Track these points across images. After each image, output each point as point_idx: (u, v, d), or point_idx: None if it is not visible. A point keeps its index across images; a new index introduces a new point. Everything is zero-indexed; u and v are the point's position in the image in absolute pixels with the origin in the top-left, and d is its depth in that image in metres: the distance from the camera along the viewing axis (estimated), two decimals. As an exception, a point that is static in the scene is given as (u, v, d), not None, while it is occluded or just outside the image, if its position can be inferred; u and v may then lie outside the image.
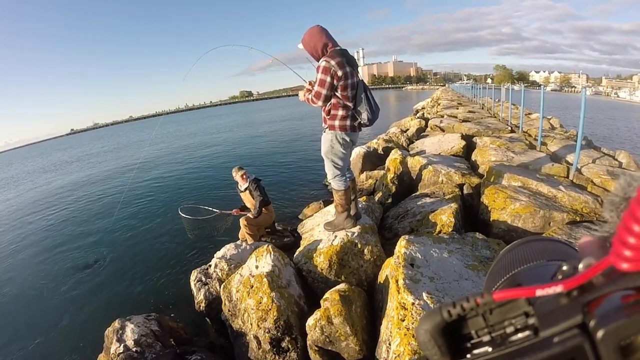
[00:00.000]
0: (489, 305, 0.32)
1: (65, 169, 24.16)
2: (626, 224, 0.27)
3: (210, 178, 12.49)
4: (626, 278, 0.28)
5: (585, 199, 3.92)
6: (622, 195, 0.32)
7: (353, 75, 3.19)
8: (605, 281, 0.29)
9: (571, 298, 0.30)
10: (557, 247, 0.50)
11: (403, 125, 14.40)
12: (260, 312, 2.96)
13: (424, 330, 0.33)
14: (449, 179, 5.13)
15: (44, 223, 10.09)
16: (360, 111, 3.28)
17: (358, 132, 3.49)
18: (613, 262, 0.28)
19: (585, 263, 0.31)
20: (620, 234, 0.27)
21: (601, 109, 38.48)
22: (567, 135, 8.45)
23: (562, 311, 0.29)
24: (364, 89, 3.28)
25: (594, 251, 0.34)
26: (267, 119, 43.78)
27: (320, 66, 3.11)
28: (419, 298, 2.29)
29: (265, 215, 5.34)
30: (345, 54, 3.17)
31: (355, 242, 3.49)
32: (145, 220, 8.56)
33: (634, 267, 0.27)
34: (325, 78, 3.10)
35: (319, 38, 3.18)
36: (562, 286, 0.30)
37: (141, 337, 3.16)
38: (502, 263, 0.50)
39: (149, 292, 5.15)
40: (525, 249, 0.50)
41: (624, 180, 0.33)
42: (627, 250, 0.27)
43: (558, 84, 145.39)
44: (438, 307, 0.33)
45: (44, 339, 4.56)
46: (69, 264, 6.64)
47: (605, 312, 0.27)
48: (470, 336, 0.33)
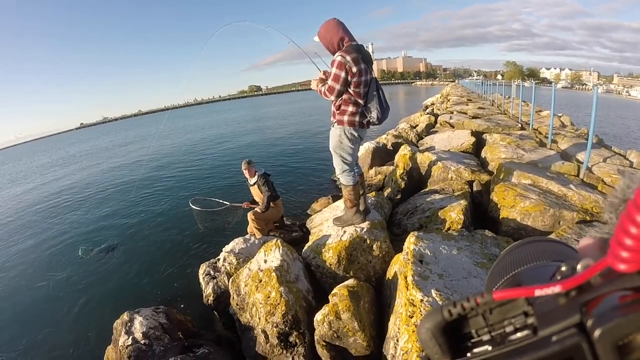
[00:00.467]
0: (489, 305, 0.33)
1: (77, 163, 24.29)
2: (623, 226, 0.27)
3: (220, 171, 12.59)
4: (623, 278, 0.28)
5: (595, 198, 3.88)
6: (621, 197, 0.33)
7: (367, 72, 3.17)
8: (603, 282, 0.29)
9: (569, 298, 0.30)
10: (558, 248, 0.50)
11: (412, 121, 14.33)
12: (269, 307, 2.97)
13: (425, 329, 0.33)
14: (459, 175, 5.11)
15: (55, 216, 10.20)
16: (371, 109, 3.26)
17: (367, 128, 3.48)
18: (610, 263, 0.28)
19: (584, 264, 0.32)
20: (618, 236, 0.28)
21: (612, 107, 38.01)
22: (578, 134, 8.36)
23: (560, 311, 0.29)
24: (376, 87, 3.25)
25: (594, 252, 0.34)
26: (275, 114, 43.72)
27: (335, 60, 3.10)
28: (427, 295, 2.29)
29: (273, 209, 5.33)
30: (361, 50, 3.15)
31: (364, 237, 3.49)
32: (155, 213, 8.63)
33: (631, 268, 0.27)
34: (340, 73, 3.08)
35: (336, 32, 3.17)
36: (561, 286, 0.30)
37: (149, 330, 3.19)
38: (502, 263, 0.51)
39: (158, 285, 5.19)
40: (526, 249, 0.51)
41: (623, 182, 0.33)
42: (624, 251, 0.27)
43: (569, 81, 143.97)
44: (439, 307, 0.34)
45: (53, 330, 4.62)
46: (78, 255, 6.69)
47: (602, 311, 0.27)
48: (470, 335, 0.34)
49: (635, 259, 0.27)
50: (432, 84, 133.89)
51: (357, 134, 3.41)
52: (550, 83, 11.13)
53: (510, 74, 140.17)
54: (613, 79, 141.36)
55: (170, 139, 27.66)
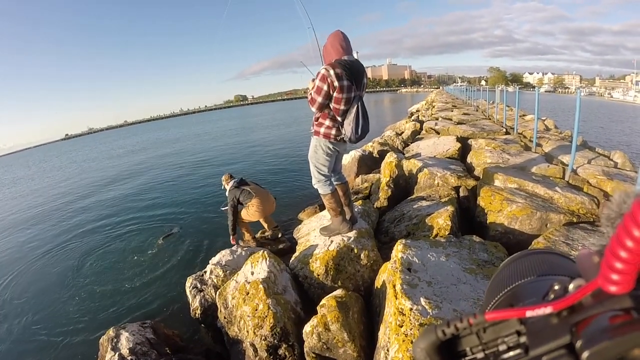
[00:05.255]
0: (481, 325, 0.33)
1: (54, 177, 23.94)
2: (613, 249, 0.28)
3: (197, 182, 12.51)
4: (613, 300, 0.29)
5: (581, 200, 3.91)
6: (618, 211, 0.33)
7: (351, 89, 3.14)
8: (593, 302, 0.30)
9: (561, 318, 0.31)
10: (555, 260, 0.51)
11: (398, 128, 14.40)
12: (257, 319, 2.93)
13: (420, 348, 0.34)
14: (445, 181, 5.12)
15: (36, 231, 9.98)
16: (345, 128, 3.25)
17: (344, 143, 3.47)
18: (601, 285, 0.29)
19: (576, 284, 0.33)
20: (607, 258, 0.28)
21: (595, 109, 38.69)
22: (562, 136, 8.47)
23: (551, 331, 0.30)
24: (358, 107, 3.20)
25: (591, 265, 0.34)
26: (261, 123, 43.72)
27: (319, 73, 3.11)
28: (416, 303, 2.27)
29: (251, 208, 5.36)
30: (351, 66, 3.13)
31: (351, 246, 3.47)
32: (140, 226, 8.49)
33: (621, 290, 0.28)
34: (322, 86, 3.08)
35: (336, 50, 3.20)
36: (552, 307, 0.31)
37: (136, 346, 3.11)
38: (500, 276, 0.52)
39: (144, 299, 5.08)
40: (523, 263, 0.52)
41: (619, 196, 0.34)
42: (614, 274, 0.28)
43: (552, 85, 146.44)
44: (433, 327, 0.35)
45: (36, 348, 4.48)
46: (59, 271, 6.55)
47: (591, 333, 0.28)
48: (465, 353, 0.34)
49: (625, 281, 0.28)
50: (417, 91, 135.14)
51: (333, 147, 3.42)
52: (534, 87, 11.34)
53: (494, 79, 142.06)
54: (595, 81, 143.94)
55: (147, 153, 27.54)
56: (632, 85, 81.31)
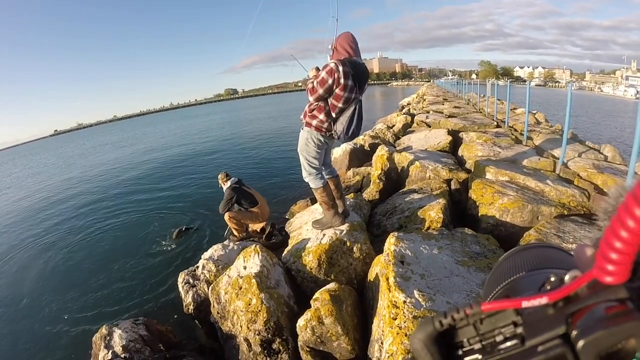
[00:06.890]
0: (478, 316, 0.34)
1: (36, 177, 23.68)
2: (608, 240, 0.28)
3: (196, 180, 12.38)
4: (609, 290, 0.29)
5: (572, 193, 3.95)
6: (614, 204, 0.34)
7: (353, 90, 3.17)
8: (589, 293, 0.31)
9: (557, 309, 0.31)
10: (553, 254, 0.52)
11: (389, 122, 14.40)
12: (250, 314, 2.92)
13: (417, 339, 0.34)
14: (436, 174, 5.13)
15: (27, 230, 9.87)
16: (337, 125, 3.27)
17: (334, 139, 3.48)
18: (596, 275, 0.30)
19: (571, 275, 0.33)
20: (603, 249, 0.29)
21: (585, 103, 39.01)
22: (553, 130, 8.54)
23: (547, 321, 0.31)
24: (355, 109, 3.23)
25: (588, 258, 0.35)
26: (252, 116, 43.56)
27: (327, 65, 3.12)
28: (410, 296, 2.27)
29: (249, 214, 5.48)
30: (357, 67, 3.17)
31: (344, 240, 3.46)
32: (130, 222, 8.45)
33: (616, 281, 0.29)
34: (327, 79, 3.09)
35: (344, 51, 3.21)
36: (548, 298, 0.31)
37: (129, 343, 3.10)
38: (499, 270, 0.52)
39: (136, 295, 5.06)
40: (522, 257, 0.52)
41: (616, 190, 0.34)
42: (609, 264, 0.28)
43: (542, 79, 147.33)
44: (430, 318, 0.35)
45: (28, 347, 4.45)
46: (50, 268, 6.50)
47: (586, 323, 0.28)
48: (462, 344, 0.35)
49: (620, 272, 0.28)
50: (408, 84, 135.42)
51: (324, 140, 3.43)
52: (524, 81, 11.41)
53: (485, 73, 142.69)
54: (585, 76, 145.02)
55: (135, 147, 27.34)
56: (622, 80, 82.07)
